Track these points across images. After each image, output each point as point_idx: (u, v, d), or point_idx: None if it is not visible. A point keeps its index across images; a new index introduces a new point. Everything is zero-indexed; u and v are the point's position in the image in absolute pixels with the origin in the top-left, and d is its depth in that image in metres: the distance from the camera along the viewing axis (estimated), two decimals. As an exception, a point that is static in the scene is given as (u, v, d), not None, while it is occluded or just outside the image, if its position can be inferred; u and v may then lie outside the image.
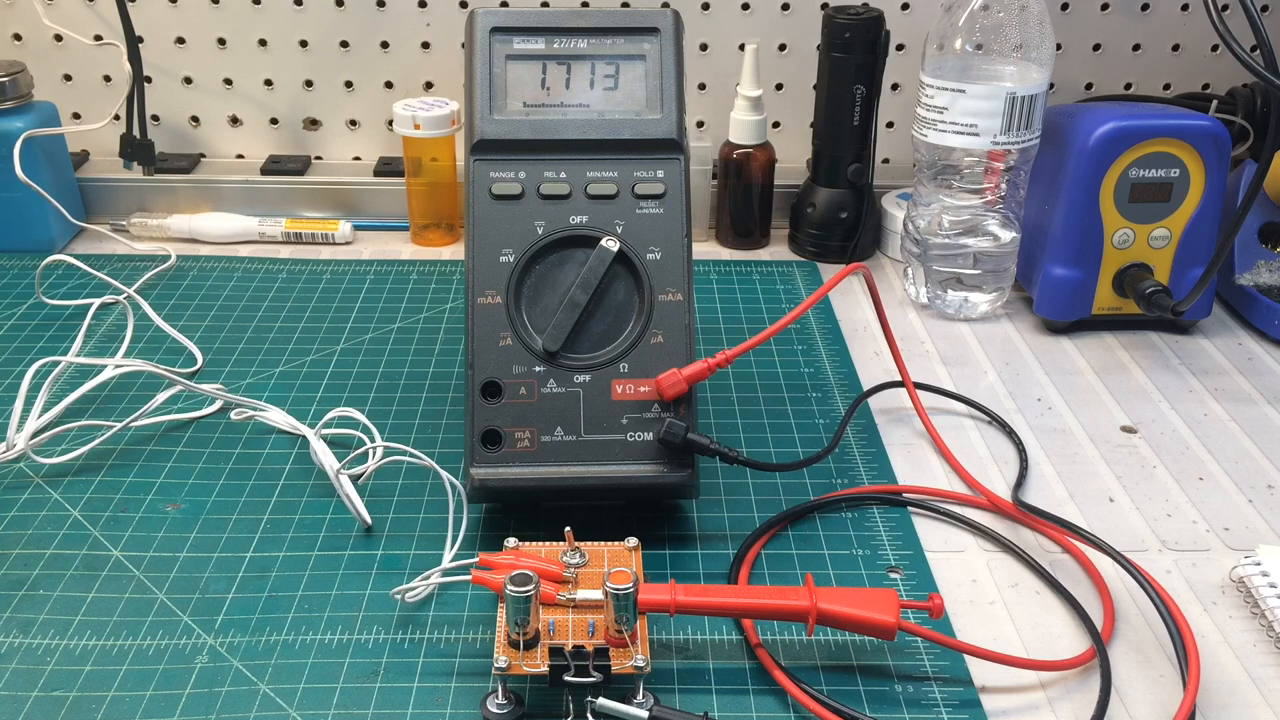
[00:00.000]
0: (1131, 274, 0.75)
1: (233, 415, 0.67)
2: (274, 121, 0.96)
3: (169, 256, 0.86)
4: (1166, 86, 0.96)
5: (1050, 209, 0.76)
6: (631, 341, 0.57)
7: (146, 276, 0.83)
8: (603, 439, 0.56)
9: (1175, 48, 0.95)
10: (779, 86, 0.95)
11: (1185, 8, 0.93)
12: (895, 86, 0.96)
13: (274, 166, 0.94)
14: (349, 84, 0.95)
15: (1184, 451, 0.65)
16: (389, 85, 0.95)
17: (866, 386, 0.70)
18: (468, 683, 0.48)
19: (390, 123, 0.95)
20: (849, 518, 0.59)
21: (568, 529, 0.50)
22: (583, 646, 0.46)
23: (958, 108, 0.74)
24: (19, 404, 0.64)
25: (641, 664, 0.46)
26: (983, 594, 0.54)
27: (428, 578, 0.52)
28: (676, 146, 0.59)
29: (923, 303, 0.81)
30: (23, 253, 0.86)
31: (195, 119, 0.96)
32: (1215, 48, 0.95)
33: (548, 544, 0.51)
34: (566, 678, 0.45)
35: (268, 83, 0.95)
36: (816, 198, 0.88)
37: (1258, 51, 0.64)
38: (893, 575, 0.55)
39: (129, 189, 0.92)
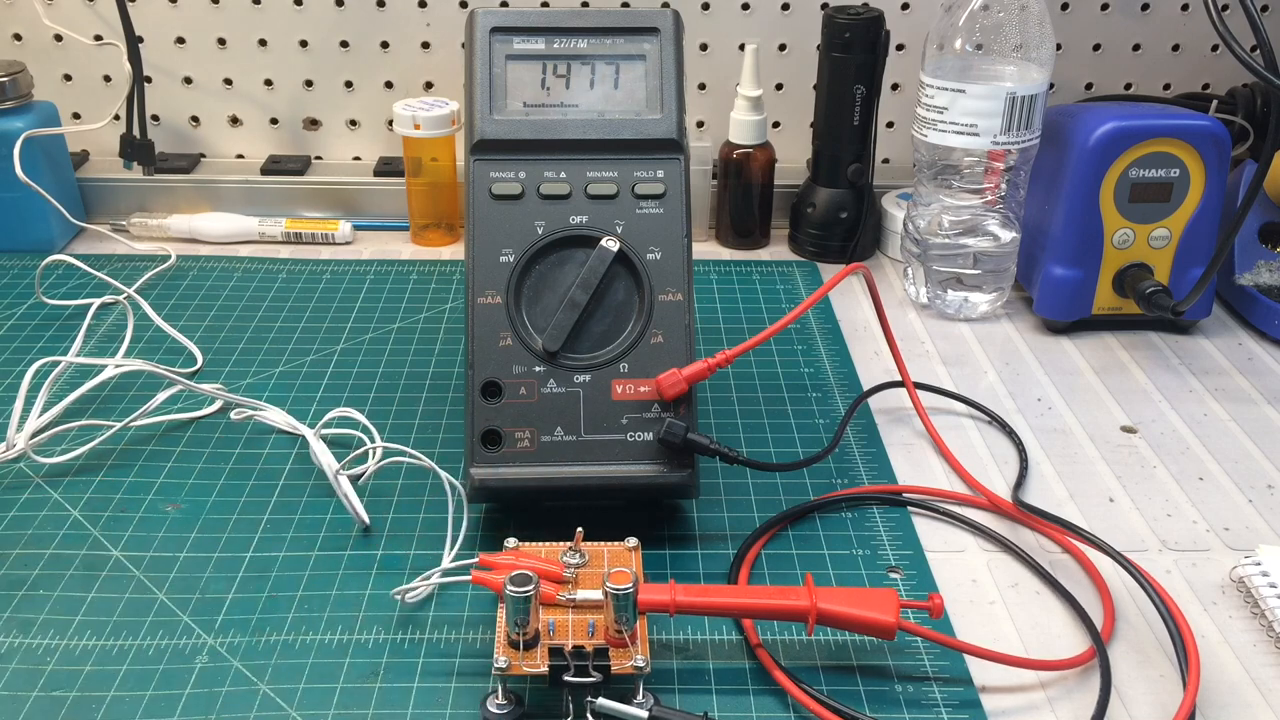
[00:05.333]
0: (1131, 274, 0.75)
1: (233, 415, 0.67)
2: (274, 121, 0.96)
3: (169, 256, 0.86)
4: (1166, 86, 0.96)
5: (1050, 209, 0.76)
6: (631, 341, 0.57)
7: (146, 276, 0.83)
8: (603, 439, 0.56)
9: (1175, 48, 0.95)
10: (779, 86, 0.95)
11: (1185, 8, 0.93)
12: (895, 86, 0.96)
13: (274, 166, 0.94)
14: (349, 84, 0.95)
15: (1184, 451, 0.65)
16: (389, 85, 0.95)
17: (866, 386, 0.70)
18: (468, 683, 0.48)
19: (390, 123, 0.95)
20: (849, 518, 0.59)
21: (579, 529, 0.50)
22: (583, 646, 0.46)
23: (958, 108, 0.74)
24: (19, 404, 0.64)
25: (641, 664, 0.46)
26: (983, 594, 0.54)
27: (428, 578, 0.52)
28: (676, 146, 0.59)
29: (923, 303, 0.81)
30: (23, 253, 0.86)
31: (195, 119, 0.96)
32: (1215, 48, 0.95)
33: (548, 544, 0.51)
34: (566, 678, 0.45)
35: (268, 83, 0.95)
36: (816, 198, 0.88)
37: (1258, 51, 0.64)
38: (893, 575, 0.55)
39: (129, 189, 0.92)
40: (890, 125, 0.97)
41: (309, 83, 0.95)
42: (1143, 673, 0.50)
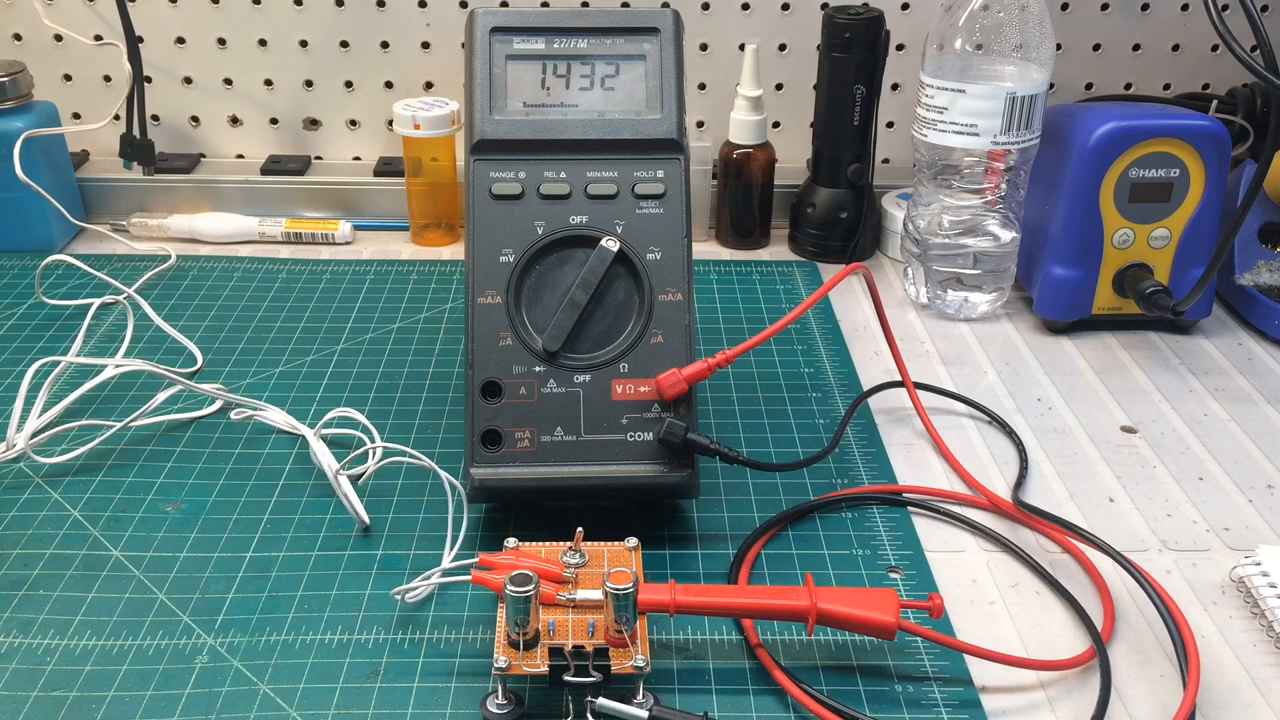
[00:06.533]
0: (1131, 274, 0.75)
1: (232, 415, 0.67)
2: (274, 121, 0.96)
3: (169, 256, 0.86)
4: (1166, 86, 0.96)
5: (1050, 209, 0.76)
6: (631, 341, 0.57)
7: (146, 276, 0.83)
8: (603, 439, 0.56)
9: (1175, 48, 0.95)
10: (779, 86, 0.95)
11: (1185, 8, 0.93)
12: (895, 86, 0.96)
13: (274, 166, 0.94)
14: (349, 84, 0.95)
15: (1184, 451, 0.65)
16: (389, 85, 0.95)
17: (866, 386, 0.70)
18: (468, 683, 0.48)
19: (390, 123, 0.95)
20: (849, 518, 0.59)
21: (579, 529, 0.50)
22: (583, 646, 0.46)
23: (958, 108, 0.74)
24: (19, 404, 0.64)
25: (641, 664, 0.46)
26: (983, 594, 0.54)
27: (428, 578, 0.52)
28: (676, 146, 0.59)
29: (923, 303, 0.81)
30: (23, 253, 0.86)
31: (195, 119, 0.96)
32: (1215, 48, 0.95)
33: (548, 544, 0.51)
34: (566, 678, 0.45)
35: (268, 83, 0.95)
36: (816, 198, 0.88)
37: (1258, 51, 0.64)
38: (893, 575, 0.55)
39: (129, 189, 0.92)
40: (890, 125, 0.97)
41: (309, 83, 0.95)
42: (1143, 673, 0.50)
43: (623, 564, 0.50)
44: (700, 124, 0.96)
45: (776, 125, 0.96)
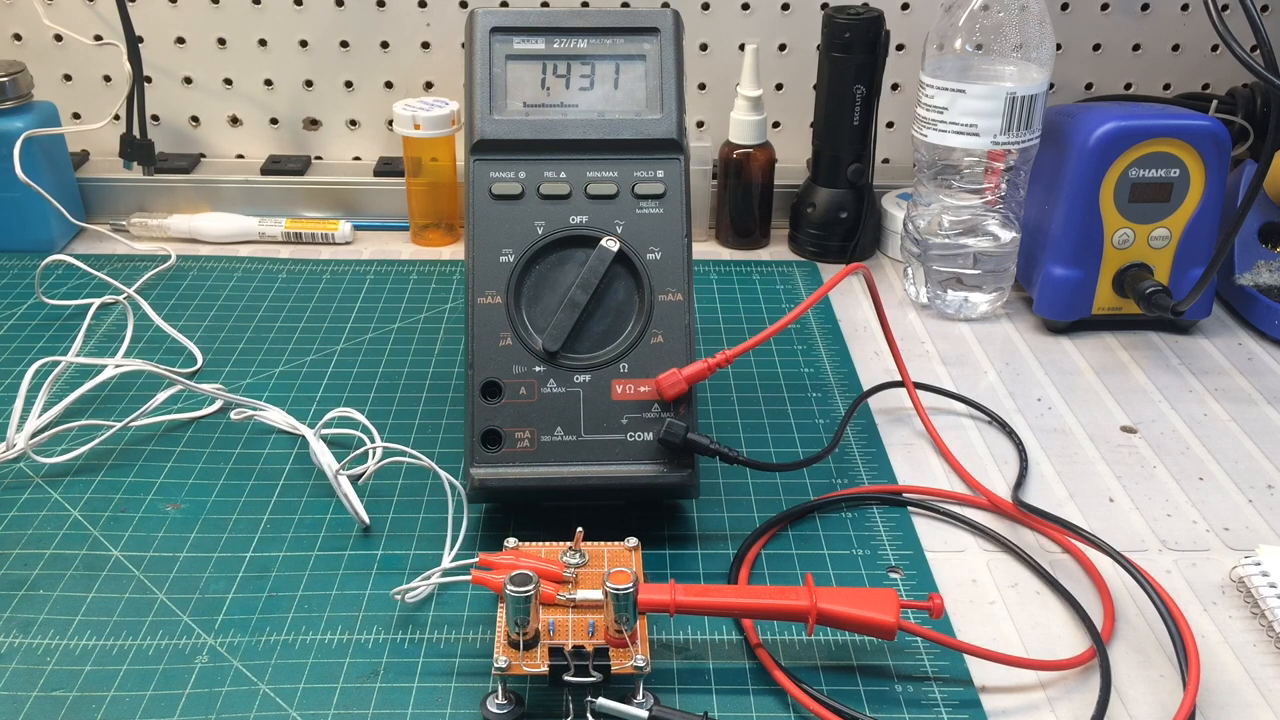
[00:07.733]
0: (1131, 274, 0.75)
1: (232, 415, 0.67)
2: (274, 121, 0.96)
3: (169, 256, 0.86)
4: (1166, 86, 0.96)
5: (1050, 209, 0.76)
6: (631, 341, 0.57)
7: (146, 276, 0.83)
8: (603, 439, 0.56)
9: (1175, 48, 0.95)
10: (779, 86, 0.95)
11: (1185, 8, 0.93)
12: (895, 86, 0.96)
13: (274, 166, 0.94)
14: (349, 84, 0.95)
15: (1184, 451, 0.65)
16: (389, 85, 0.95)
17: (866, 386, 0.70)
18: (468, 683, 0.48)
19: (390, 123, 0.95)
20: (849, 518, 0.59)
21: (579, 529, 0.50)
22: (583, 646, 0.46)
23: (958, 108, 0.74)
24: (19, 404, 0.64)
25: (641, 664, 0.46)
26: (983, 594, 0.54)
27: (428, 578, 0.52)
28: (676, 146, 0.59)
29: (923, 303, 0.81)
30: (23, 253, 0.86)
31: (195, 119, 0.96)
32: (1215, 48, 0.95)
33: (548, 544, 0.51)
34: (566, 678, 0.45)
35: (268, 83, 0.95)
36: (816, 198, 0.88)
37: (1258, 51, 0.64)
38: (893, 575, 0.55)
39: (129, 189, 0.92)
40: (890, 125, 0.97)
41: (309, 83, 0.95)
42: (1143, 673, 0.50)
43: (623, 564, 0.50)
44: (700, 124, 0.96)
45: (776, 125, 0.96)
